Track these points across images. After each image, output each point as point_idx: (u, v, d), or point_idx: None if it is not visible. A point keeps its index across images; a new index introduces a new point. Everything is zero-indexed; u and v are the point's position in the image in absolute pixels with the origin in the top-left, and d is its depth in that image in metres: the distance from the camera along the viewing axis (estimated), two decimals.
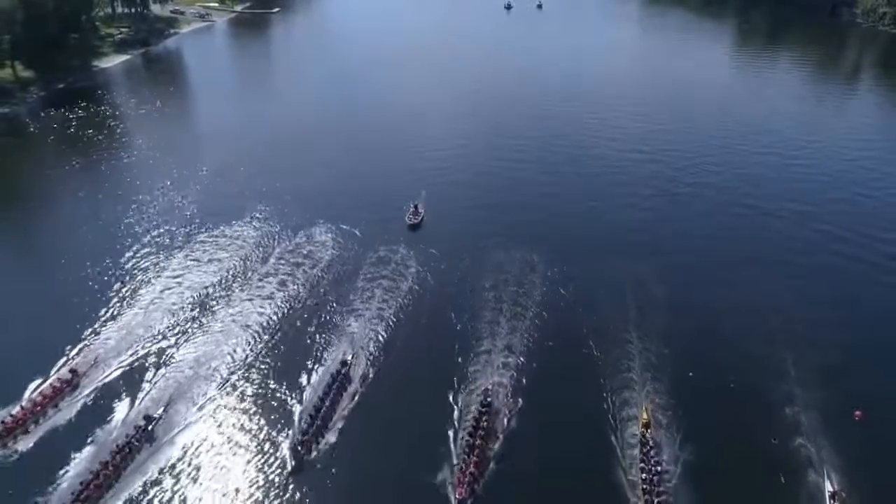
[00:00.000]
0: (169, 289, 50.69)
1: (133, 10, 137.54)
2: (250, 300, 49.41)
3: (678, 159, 77.49)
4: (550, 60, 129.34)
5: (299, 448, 36.54)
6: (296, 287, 51.16)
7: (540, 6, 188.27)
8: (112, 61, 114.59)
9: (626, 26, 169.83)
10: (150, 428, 37.76)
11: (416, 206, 62.58)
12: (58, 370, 42.17)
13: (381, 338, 45.50)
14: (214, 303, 49.23)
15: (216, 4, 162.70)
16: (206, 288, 50.79)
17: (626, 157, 78.10)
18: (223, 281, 51.77)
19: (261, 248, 56.40)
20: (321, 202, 63.96)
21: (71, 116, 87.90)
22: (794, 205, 65.77)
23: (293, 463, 35.73)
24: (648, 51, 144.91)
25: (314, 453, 36.50)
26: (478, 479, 34.50)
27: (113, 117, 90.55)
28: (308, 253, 55.95)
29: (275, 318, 47.66)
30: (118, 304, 48.84)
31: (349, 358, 43.07)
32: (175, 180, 69.30)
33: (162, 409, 39.46)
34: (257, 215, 61.49)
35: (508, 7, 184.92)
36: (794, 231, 61.20)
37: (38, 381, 41.12)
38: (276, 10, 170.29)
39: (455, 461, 35.56)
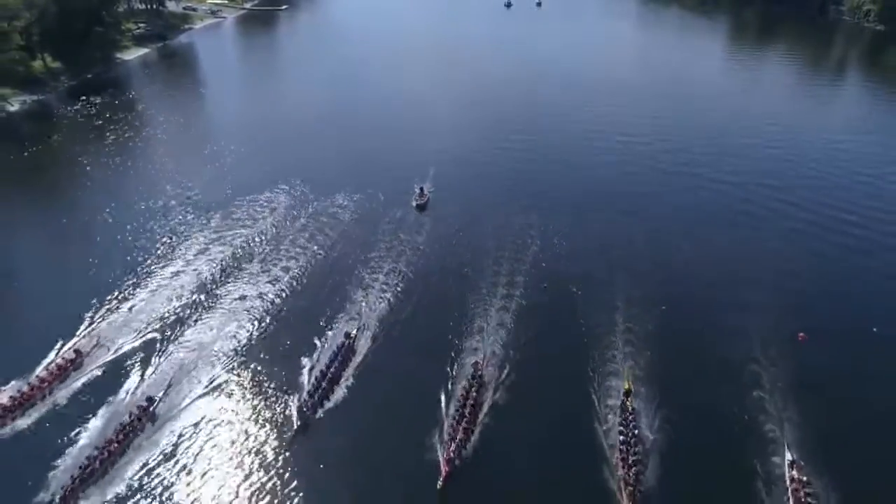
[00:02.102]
0: (181, 269, 52.98)
1: (149, 6, 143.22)
2: (256, 283, 51.38)
3: (668, 143, 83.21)
4: (549, 54, 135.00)
5: (305, 409, 39.05)
6: (305, 266, 53.72)
7: (539, 4, 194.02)
8: (133, 54, 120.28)
9: (624, 23, 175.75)
10: (151, 409, 38.88)
11: (421, 189, 66.70)
12: (64, 349, 43.47)
13: (384, 312, 48.22)
14: (222, 284, 51.31)
15: (227, 1, 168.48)
16: (214, 270, 53.04)
17: (619, 141, 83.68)
18: (231, 263, 54.01)
19: (271, 231, 59.07)
20: (331, 185, 67.34)
21: (99, 103, 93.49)
22: (768, 181, 71.87)
23: (299, 423, 38.19)
24: (645, 46, 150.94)
25: (318, 415, 39.07)
26: (465, 442, 37.19)
27: (138, 104, 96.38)
28: (318, 233, 58.97)
29: (282, 296, 50.01)
30: (130, 284, 50.83)
31: (353, 331, 45.71)
32: (196, 164, 73.63)
33: (167, 384, 40.77)
34: (268, 199, 64.62)
35: (508, 5, 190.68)
36: (764, 203, 67.08)
37: (47, 359, 42.63)
38: (284, 6, 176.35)
39: (446, 425, 38.20)
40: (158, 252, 55.77)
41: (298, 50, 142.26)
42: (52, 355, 42.88)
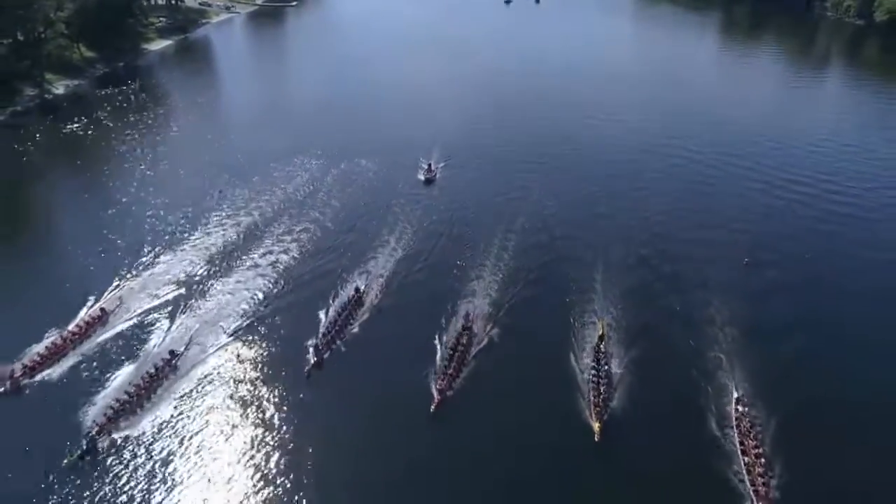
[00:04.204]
0: (207, 233, 58.43)
1: (169, 0, 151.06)
2: (272, 251, 56.10)
3: (652, 123, 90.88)
4: (547, 47, 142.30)
5: (319, 348, 43.88)
6: (320, 231, 59.24)
7: (538, 0, 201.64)
8: (158, 45, 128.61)
9: (620, 19, 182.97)
10: (174, 361, 42.40)
11: (429, 165, 72.57)
12: (93, 307, 47.26)
13: (388, 271, 53.44)
14: (241, 248, 56.31)
15: None
16: (233, 237, 57.86)
17: (610, 122, 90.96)
18: (247, 232, 58.95)
19: (289, 202, 64.27)
20: (347, 160, 73.71)
21: (132, 88, 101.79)
22: (738, 160, 78.92)
23: (314, 360, 43.04)
24: (639, 39, 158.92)
25: (329, 354, 43.86)
26: (455, 377, 42.11)
27: (167, 89, 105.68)
28: (328, 205, 64.23)
29: (296, 258, 55.22)
30: (160, 247, 55.86)
31: (362, 286, 50.72)
32: (220, 141, 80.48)
33: (189, 338, 44.42)
34: (285, 174, 70.15)
35: (508, 1, 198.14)
36: (728, 178, 74.46)
37: (79, 314, 46.46)
38: (294, 3, 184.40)
39: (438, 364, 43.16)
40: (185, 218, 61.05)
41: (310, 43, 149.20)
42: (83, 312, 46.85)
